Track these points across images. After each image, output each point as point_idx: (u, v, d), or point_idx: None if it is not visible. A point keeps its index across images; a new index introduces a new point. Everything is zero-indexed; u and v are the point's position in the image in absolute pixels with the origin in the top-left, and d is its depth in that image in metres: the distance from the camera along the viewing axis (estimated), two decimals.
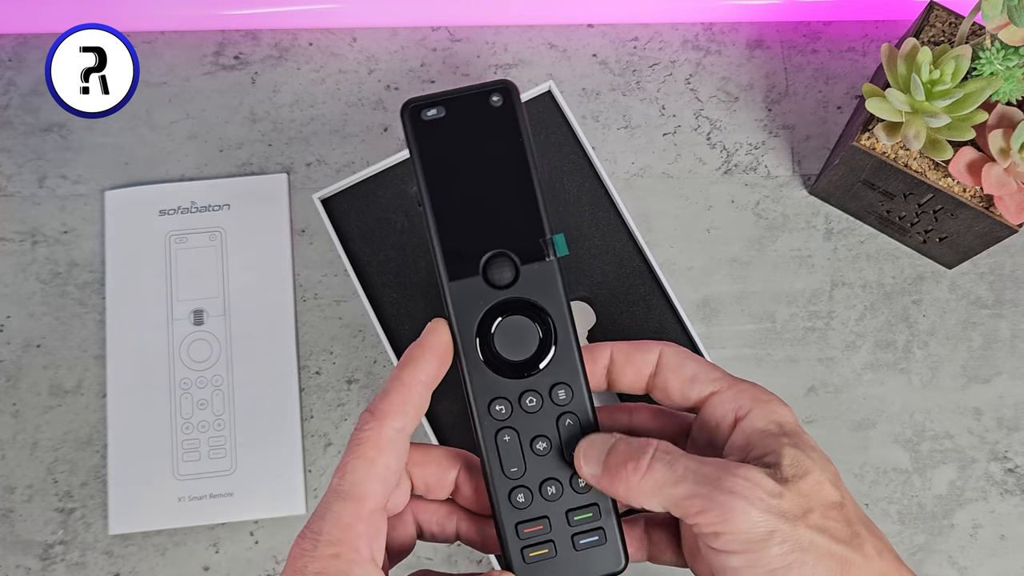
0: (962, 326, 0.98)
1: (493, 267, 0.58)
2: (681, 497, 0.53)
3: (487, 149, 0.58)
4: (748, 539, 0.51)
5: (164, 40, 1.04)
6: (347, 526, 0.54)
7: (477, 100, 0.59)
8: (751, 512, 0.51)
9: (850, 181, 0.93)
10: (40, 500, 0.93)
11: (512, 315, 0.58)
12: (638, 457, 0.55)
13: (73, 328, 0.96)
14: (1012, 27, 0.80)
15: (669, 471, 0.54)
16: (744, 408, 0.58)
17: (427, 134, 0.58)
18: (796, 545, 0.52)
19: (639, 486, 0.55)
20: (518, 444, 0.58)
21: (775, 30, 1.05)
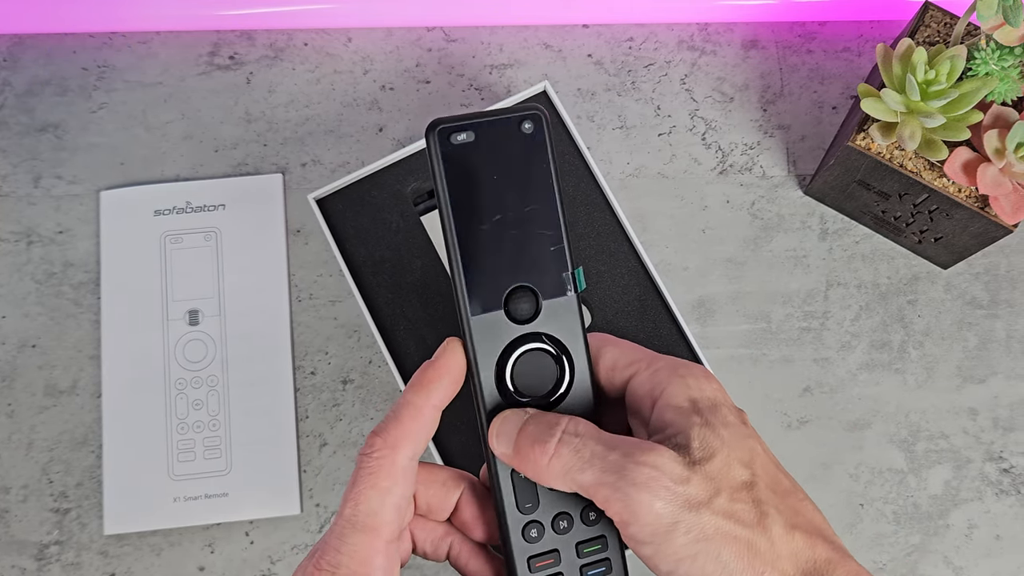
0: (957, 326, 0.98)
1: (516, 301, 0.57)
2: (588, 484, 0.53)
3: (515, 178, 0.57)
4: (653, 530, 0.51)
5: (159, 40, 1.04)
6: (365, 560, 0.53)
7: (508, 126, 0.56)
8: (655, 504, 0.51)
9: (845, 181, 0.93)
10: (35, 500, 0.92)
11: (530, 350, 0.57)
12: (545, 439, 0.54)
13: (68, 328, 0.96)
14: (1007, 27, 0.80)
15: (575, 456, 0.53)
16: (659, 387, 0.57)
17: (455, 159, 0.56)
18: (700, 534, 0.51)
19: (547, 469, 0.54)
20: (531, 480, 0.57)
21: (770, 30, 1.05)
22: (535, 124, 0.56)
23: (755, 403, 0.95)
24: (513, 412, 0.57)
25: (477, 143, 0.56)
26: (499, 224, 0.56)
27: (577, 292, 0.57)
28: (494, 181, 0.56)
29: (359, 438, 0.94)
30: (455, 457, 0.85)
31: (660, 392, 0.56)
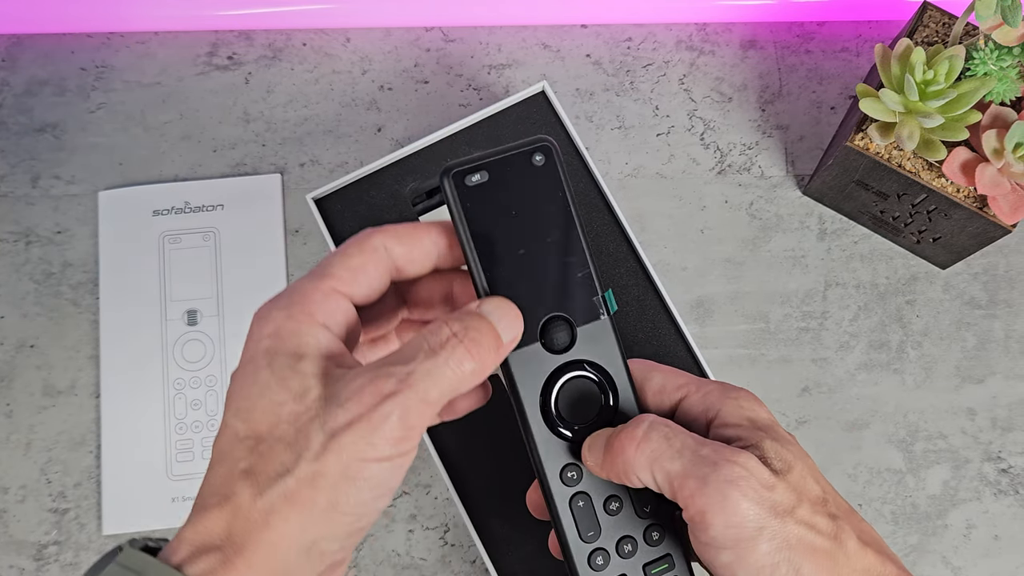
0: (956, 326, 0.98)
1: (551, 332, 0.57)
2: (676, 474, 0.53)
3: (533, 210, 0.57)
4: (738, 534, 0.51)
5: (158, 40, 1.04)
6: (304, 293, 0.53)
7: (520, 160, 0.57)
8: (743, 503, 0.51)
9: (844, 181, 0.93)
10: (34, 500, 0.92)
11: (573, 378, 0.58)
12: (634, 430, 0.55)
13: (67, 328, 0.96)
14: (1006, 27, 0.80)
15: (665, 444, 0.54)
16: (713, 409, 0.57)
17: (472, 200, 0.56)
18: (784, 542, 0.51)
19: (635, 458, 0.54)
20: (591, 508, 0.58)
21: (769, 30, 1.05)
22: (545, 155, 0.57)
23: None
24: (604, 430, 0.57)
25: (492, 182, 0.56)
26: (524, 258, 0.57)
27: (610, 314, 0.58)
28: (513, 217, 0.57)
29: None
30: (452, 455, 0.84)
31: (715, 413, 0.57)
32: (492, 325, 0.53)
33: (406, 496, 0.93)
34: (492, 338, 0.53)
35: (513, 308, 0.54)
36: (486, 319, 0.53)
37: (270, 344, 0.52)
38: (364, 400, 0.49)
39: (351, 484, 0.48)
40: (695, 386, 0.59)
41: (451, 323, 0.52)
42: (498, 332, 0.53)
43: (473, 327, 0.52)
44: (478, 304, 0.54)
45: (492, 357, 0.53)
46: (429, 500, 0.93)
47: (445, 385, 0.50)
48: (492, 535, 0.83)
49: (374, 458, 0.48)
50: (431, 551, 0.92)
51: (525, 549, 0.83)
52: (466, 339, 0.51)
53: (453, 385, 0.51)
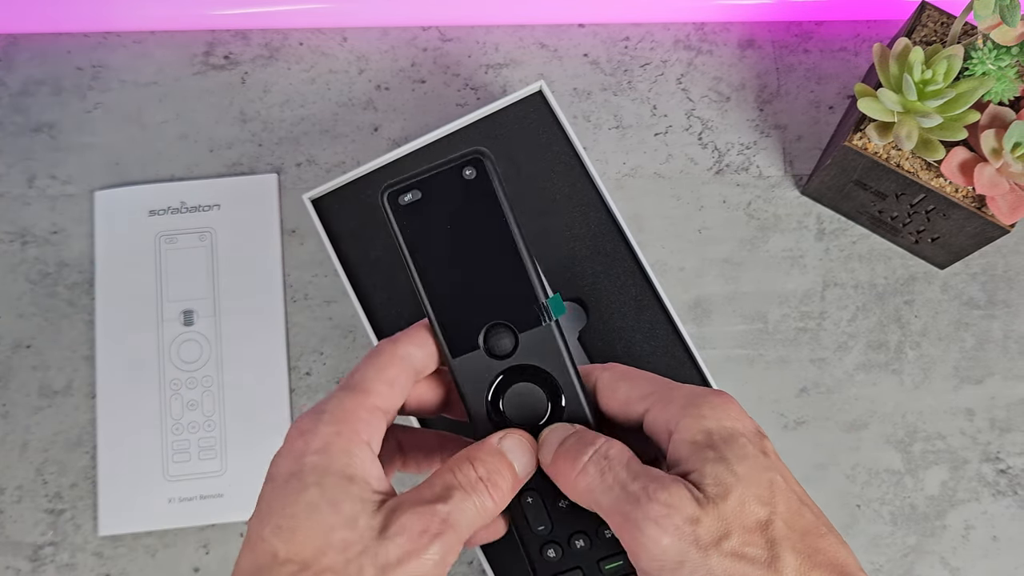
0: (954, 327, 0.98)
1: (492, 338, 0.58)
2: (606, 508, 0.54)
3: (468, 224, 0.59)
4: (661, 565, 0.51)
5: (154, 40, 1.03)
6: (350, 411, 0.54)
7: (450, 176, 0.59)
8: (663, 540, 0.51)
9: (842, 181, 0.92)
10: (30, 501, 0.92)
11: (518, 383, 0.59)
12: (577, 456, 0.55)
13: (62, 329, 0.96)
14: (1004, 27, 0.80)
15: (599, 478, 0.54)
16: (673, 420, 0.56)
17: (408, 218, 0.59)
18: (707, 574, 0.51)
19: (573, 484, 0.55)
20: (542, 503, 0.59)
21: (767, 30, 1.05)
22: (476, 168, 0.58)
23: (751, 404, 0.94)
24: (561, 426, 0.58)
25: (425, 199, 0.59)
26: (462, 270, 0.58)
27: (553, 319, 0.58)
28: (449, 231, 0.59)
29: None
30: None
31: (675, 426, 0.56)
32: (511, 463, 0.56)
33: None
34: (511, 477, 0.56)
35: (529, 443, 0.57)
36: (505, 457, 0.56)
37: (319, 461, 0.52)
38: (413, 537, 0.51)
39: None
40: (659, 396, 0.58)
41: (477, 465, 0.55)
42: (516, 469, 0.56)
43: (495, 469, 0.55)
44: (499, 439, 0.57)
45: (509, 495, 0.56)
46: None
47: (473, 524, 0.53)
48: None
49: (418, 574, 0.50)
50: None
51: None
52: (490, 482, 0.54)
53: (477, 523, 0.54)
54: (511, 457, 0.56)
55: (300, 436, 0.54)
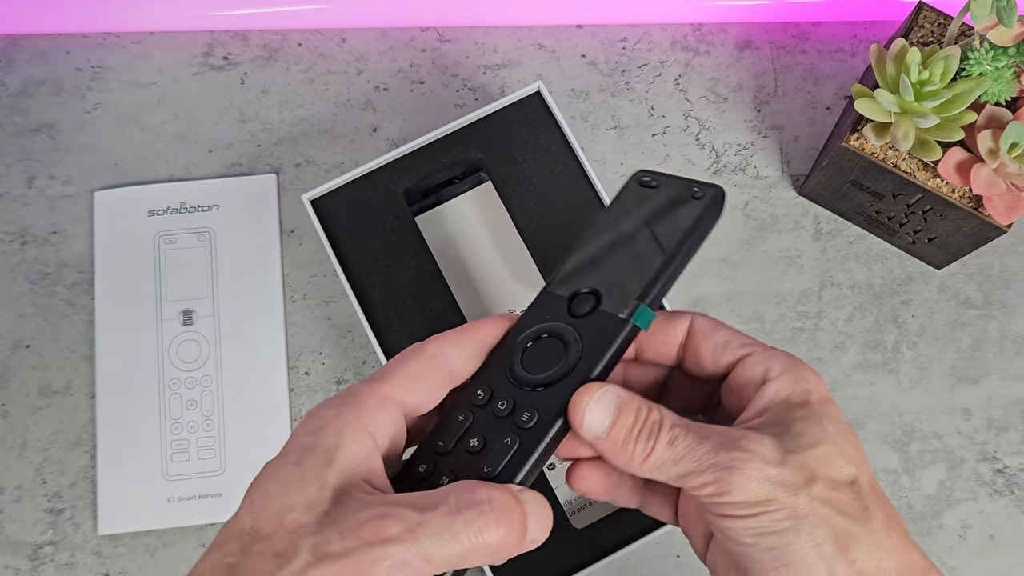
0: (951, 327, 0.98)
1: (580, 297, 0.59)
2: (680, 475, 0.53)
3: (661, 219, 0.59)
4: (748, 510, 0.51)
5: (153, 40, 1.04)
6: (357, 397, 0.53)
7: (686, 187, 0.60)
8: (749, 484, 0.51)
9: (839, 182, 0.93)
10: (29, 501, 0.92)
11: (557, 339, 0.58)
12: (646, 437, 0.54)
13: (62, 328, 0.96)
14: (1001, 28, 0.80)
15: (668, 452, 0.54)
16: (774, 371, 0.57)
17: (633, 191, 0.62)
18: (793, 512, 0.51)
19: (642, 466, 0.54)
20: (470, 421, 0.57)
21: (764, 31, 1.05)
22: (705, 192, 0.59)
23: None
24: (608, 390, 0.55)
25: (657, 190, 0.62)
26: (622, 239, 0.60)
27: (632, 323, 0.57)
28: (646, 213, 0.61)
29: None
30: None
31: (775, 376, 0.57)
32: (526, 515, 0.52)
33: None
34: (520, 525, 0.51)
35: (549, 510, 0.53)
36: (523, 506, 0.52)
37: (307, 441, 0.52)
38: (362, 535, 0.47)
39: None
40: (761, 347, 0.59)
41: (489, 488, 0.51)
42: (528, 524, 0.52)
43: (508, 506, 0.51)
44: (520, 490, 0.52)
45: (513, 544, 0.51)
46: None
47: (456, 549, 0.48)
48: None
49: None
50: None
51: None
52: (497, 510, 0.50)
53: (465, 553, 0.49)
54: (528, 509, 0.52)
55: (305, 419, 0.53)
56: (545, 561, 0.83)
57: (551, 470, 0.88)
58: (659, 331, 0.61)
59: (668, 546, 0.92)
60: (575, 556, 0.83)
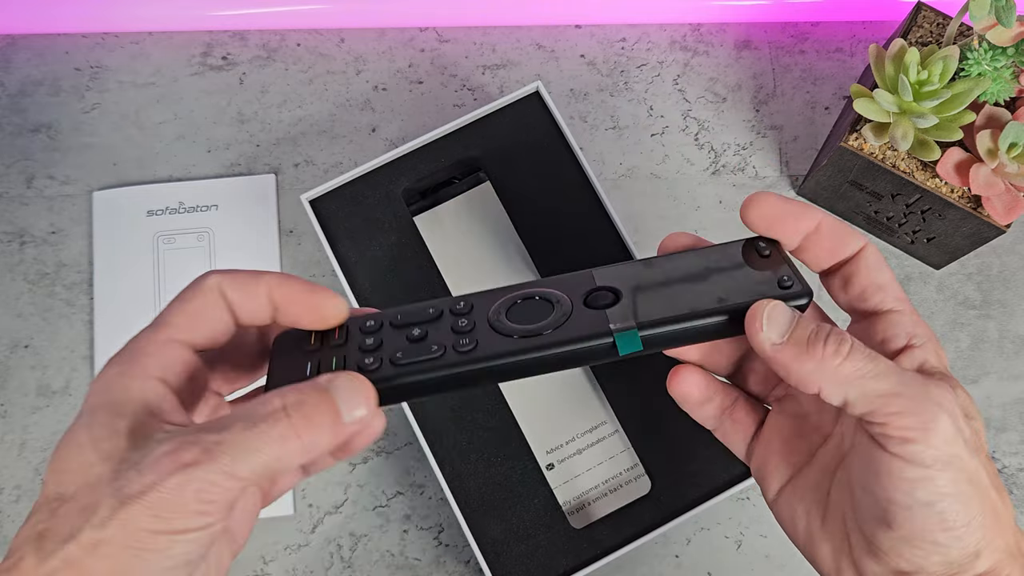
0: (950, 326, 0.98)
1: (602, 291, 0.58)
2: (881, 393, 0.51)
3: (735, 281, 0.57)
4: (936, 456, 0.50)
5: (152, 40, 1.04)
6: (138, 347, 0.52)
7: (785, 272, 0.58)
8: (950, 429, 0.50)
9: (838, 182, 0.93)
10: (28, 501, 0.92)
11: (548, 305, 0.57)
12: (838, 340, 0.52)
13: (61, 329, 0.96)
14: (1000, 28, 0.80)
15: (871, 363, 0.52)
16: (920, 339, 0.56)
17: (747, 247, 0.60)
18: (970, 476, 0.51)
19: (836, 369, 0.52)
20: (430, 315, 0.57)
21: (763, 31, 1.05)
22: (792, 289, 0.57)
23: None
24: (782, 303, 0.55)
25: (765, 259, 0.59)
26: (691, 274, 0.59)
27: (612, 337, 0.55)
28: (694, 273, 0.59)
29: None
30: (446, 455, 0.85)
31: (920, 344, 0.56)
32: (333, 401, 0.50)
33: (400, 496, 0.93)
34: (329, 416, 0.50)
35: (364, 385, 0.52)
36: (328, 394, 0.50)
37: (95, 401, 0.50)
38: (161, 468, 0.46)
39: (135, 556, 0.46)
40: (911, 308, 0.58)
41: (286, 395, 0.49)
42: (339, 408, 0.50)
43: (310, 402, 0.49)
44: (328, 378, 0.51)
45: (326, 436, 0.50)
46: (423, 500, 0.93)
47: (260, 461, 0.47)
48: (486, 535, 0.83)
49: (164, 531, 0.46)
50: (425, 551, 0.92)
51: (519, 549, 0.83)
52: (296, 414, 0.49)
53: (272, 462, 0.48)
54: (335, 394, 0.50)
55: (94, 381, 0.51)
56: (544, 561, 0.83)
57: (550, 470, 0.88)
58: (832, 237, 0.59)
59: (666, 546, 0.92)
60: (574, 556, 0.83)
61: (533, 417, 0.89)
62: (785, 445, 0.61)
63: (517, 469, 0.85)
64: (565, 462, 0.88)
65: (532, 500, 0.84)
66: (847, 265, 0.59)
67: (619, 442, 0.89)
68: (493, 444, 0.85)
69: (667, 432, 0.86)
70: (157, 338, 0.52)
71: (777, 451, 0.61)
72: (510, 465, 0.85)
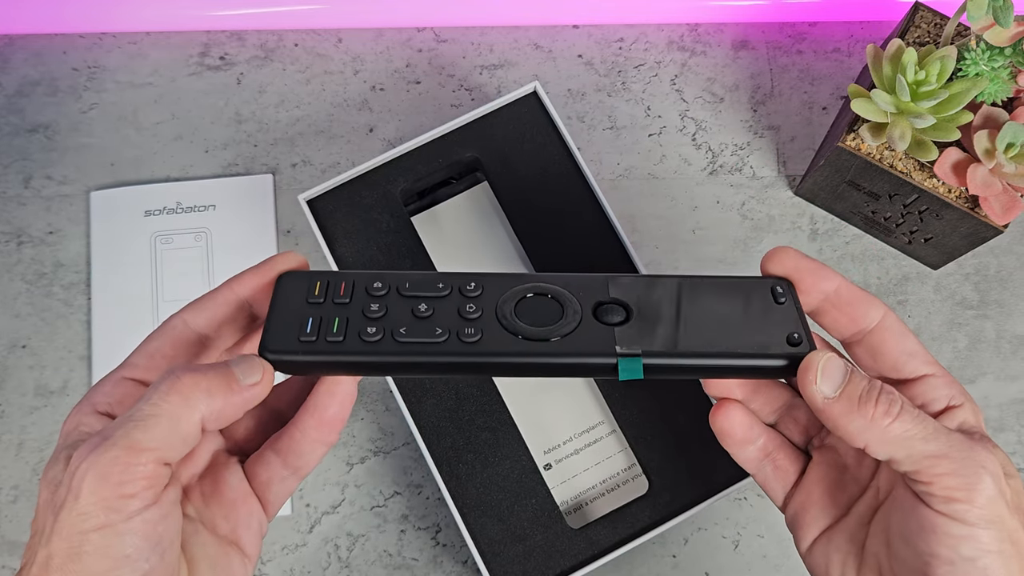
0: (947, 327, 0.98)
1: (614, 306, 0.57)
2: (928, 454, 0.52)
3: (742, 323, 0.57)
4: (980, 515, 0.51)
5: (150, 41, 1.04)
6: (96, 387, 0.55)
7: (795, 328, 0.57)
8: (993, 490, 0.51)
9: (835, 182, 0.93)
10: (25, 501, 0.92)
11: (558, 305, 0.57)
12: (888, 401, 0.54)
13: (58, 329, 0.96)
14: (997, 28, 0.80)
15: (919, 425, 0.53)
16: (957, 400, 0.57)
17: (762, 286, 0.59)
18: (1010, 536, 0.52)
19: (885, 429, 0.53)
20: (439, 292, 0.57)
21: (760, 31, 1.05)
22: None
23: None
24: (836, 357, 0.55)
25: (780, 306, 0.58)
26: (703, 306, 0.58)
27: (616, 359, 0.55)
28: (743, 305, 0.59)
29: (349, 439, 0.94)
30: (444, 455, 0.85)
31: (958, 405, 0.57)
32: (229, 368, 0.52)
33: (398, 496, 0.93)
34: (222, 377, 0.51)
35: (259, 363, 0.53)
36: (224, 363, 0.52)
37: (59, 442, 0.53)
38: (71, 469, 0.48)
39: (77, 559, 0.47)
40: (942, 370, 0.59)
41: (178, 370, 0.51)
42: (234, 372, 0.52)
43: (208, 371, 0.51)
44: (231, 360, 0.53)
45: (221, 393, 0.51)
46: (420, 500, 0.93)
47: (160, 427, 0.49)
48: (484, 535, 0.83)
49: (93, 527, 0.47)
50: (423, 551, 0.92)
51: (517, 549, 0.83)
52: (182, 370, 0.51)
53: (172, 423, 0.49)
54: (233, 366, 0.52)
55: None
56: (541, 561, 0.83)
57: (547, 470, 0.88)
58: (850, 306, 0.59)
59: (664, 546, 0.92)
60: (571, 556, 0.83)
61: (530, 417, 0.89)
62: (825, 495, 0.62)
63: (515, 469, 0.85)
64: (562, 462, 0.88)
65: (529, 500, 0.84)
66: (870, 335, 0.59)
67: (616, 442, 0.89)
68: (490, 444, 0.85)
69: (664, 432, 0.86)
70: (112, 377, 0.56)
71: (817, 501, 0.62)
72: (507, 465, 0.85)
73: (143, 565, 0.48)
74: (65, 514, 0.47)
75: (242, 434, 0.61)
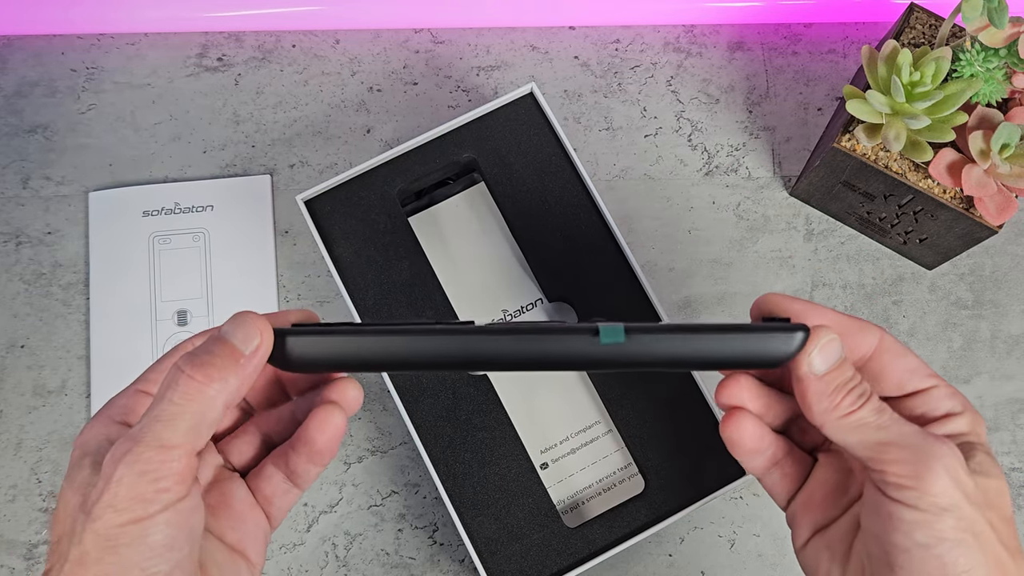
0: (942, 327, 0.98)
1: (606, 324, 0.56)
2: (878, 441, 0.54)
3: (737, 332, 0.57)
4: (932, 502, 0.52)
5: (148, 42, 1.04)
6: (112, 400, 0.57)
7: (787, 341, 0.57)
8: (943, 479, 0.52)
9: (830, 182, 0.93)
10: (24, 500, 0.93)
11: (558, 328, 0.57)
12: (857, 394, 0.56)
13: (57, 328, 0.96)
14: (992, 29, 0.80)
15: (875, 415, 0.55)
16: (957, 408, 0.58)
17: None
18: (971, 527, 0.52)
19: (843, 419, 0.56)
20: None
21: (756, 32, 1.05)
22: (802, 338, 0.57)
23: None
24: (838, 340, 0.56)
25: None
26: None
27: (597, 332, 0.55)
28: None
29: (347, 438, 0.94)
30: (441, 454, 0.85)
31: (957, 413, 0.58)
32: (228, 342, 0.53)
33: (395, 495, 0.93)
34: (227, 354, 0.53)
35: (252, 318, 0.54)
36: (222, 338, 0.53)
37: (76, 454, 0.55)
38: (107, 471, 0.50)
39: (113, 553, 0.49)
40: (943, 382, 0.60)
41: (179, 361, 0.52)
42: (235, 345, 0.53)
43: (202, 351, 0.53)
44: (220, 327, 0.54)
45: (233, 372, 0.52)
46: (418, 499, 0.93)
47: (184, 422, 0.51)
48: (481, 534, 0.83)
49: (129, 520, 0.49)
50: (420, 550, 0.92)
51: (514, 548, 0.83)
52: (191, 367, 0.52)
53: (195, 417, 0.51)
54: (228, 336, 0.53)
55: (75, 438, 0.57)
56: (537, 560, 0.83)
57: (544, 469, 0.88)
58: (848, 335, 0.59)
59: (660, 545, 0.93)
60: (567, 555, 0.83)
61: (527, 416, 0.89)
62: (826, 497, 0.62)
63: (511, 468, 0.85)
64: (559, 461, 0.89)
65: (526, 499, 0.84)
66: (871, 362, 0.60)
67: (612, 441, 0.89)
68: (487, 443, 0.85)
69: (660, 432, 0.86)
70: (128, 391, 0.57)
71: (818, 502, 0.62)
72: (504, 464, 0.85)
73: (176, 555, 0.50)
74: (99, 510, 0.49)
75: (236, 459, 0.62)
